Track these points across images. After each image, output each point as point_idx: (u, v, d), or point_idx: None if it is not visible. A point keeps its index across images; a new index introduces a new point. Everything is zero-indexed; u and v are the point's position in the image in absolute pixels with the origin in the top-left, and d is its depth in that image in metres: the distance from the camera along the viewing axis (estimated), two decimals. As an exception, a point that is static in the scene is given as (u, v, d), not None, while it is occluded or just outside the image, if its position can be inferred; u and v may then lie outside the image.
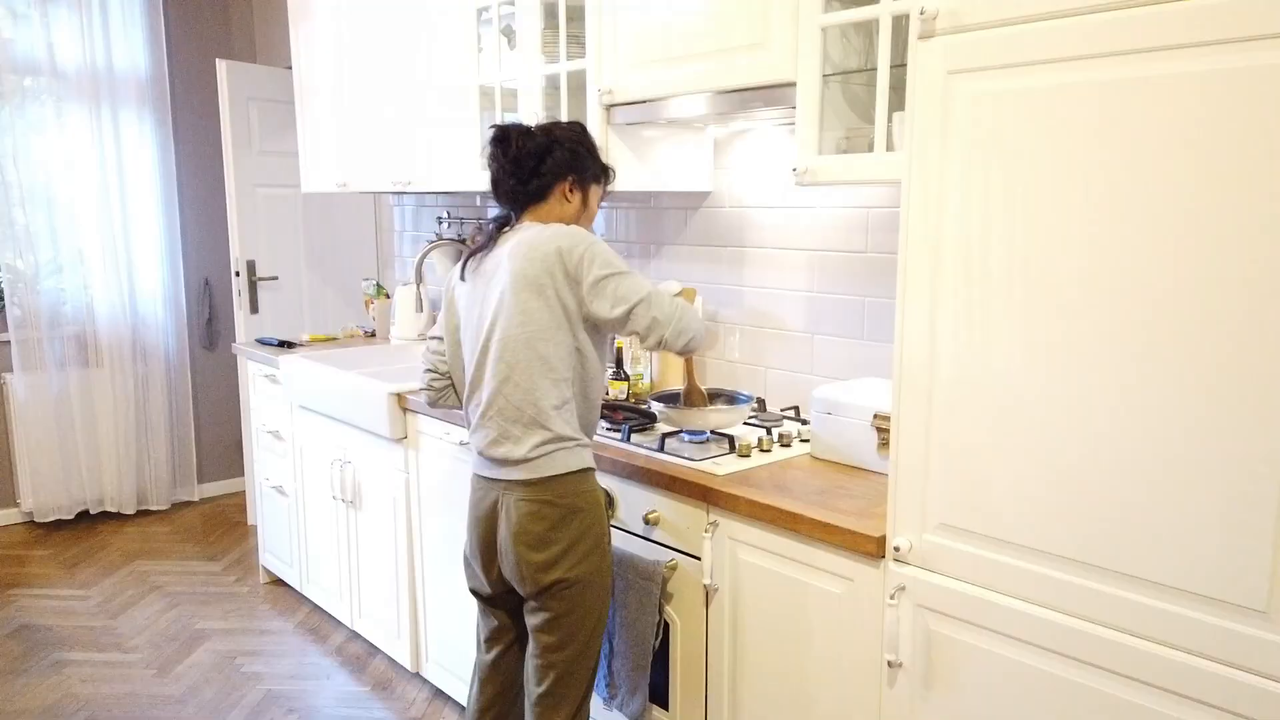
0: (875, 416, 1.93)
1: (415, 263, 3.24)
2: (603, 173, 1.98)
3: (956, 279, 1.42)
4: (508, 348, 1.82)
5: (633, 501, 2.06)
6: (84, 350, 4.40)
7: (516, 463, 1.84)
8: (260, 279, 4.33)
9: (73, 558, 4.04)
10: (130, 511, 4.53)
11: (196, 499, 4.78)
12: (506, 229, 1.92)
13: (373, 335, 3.90)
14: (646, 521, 2.01)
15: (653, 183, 2.54)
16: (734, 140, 2.57)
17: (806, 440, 2.14)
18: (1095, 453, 1.29)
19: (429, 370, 2.05)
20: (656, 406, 2.18)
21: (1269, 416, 1.14)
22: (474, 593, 2.02)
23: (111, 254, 4.36)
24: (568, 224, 1.93)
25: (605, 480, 2.11)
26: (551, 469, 1.83)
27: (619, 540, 2.10)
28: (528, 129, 1.90)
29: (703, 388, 2.20)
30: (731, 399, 2.29)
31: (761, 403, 2.48)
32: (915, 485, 1.51)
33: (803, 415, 2.40)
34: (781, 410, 2.44)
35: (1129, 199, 1.23)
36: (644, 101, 2.27)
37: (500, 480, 1.88)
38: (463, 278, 1.96)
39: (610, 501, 2.10)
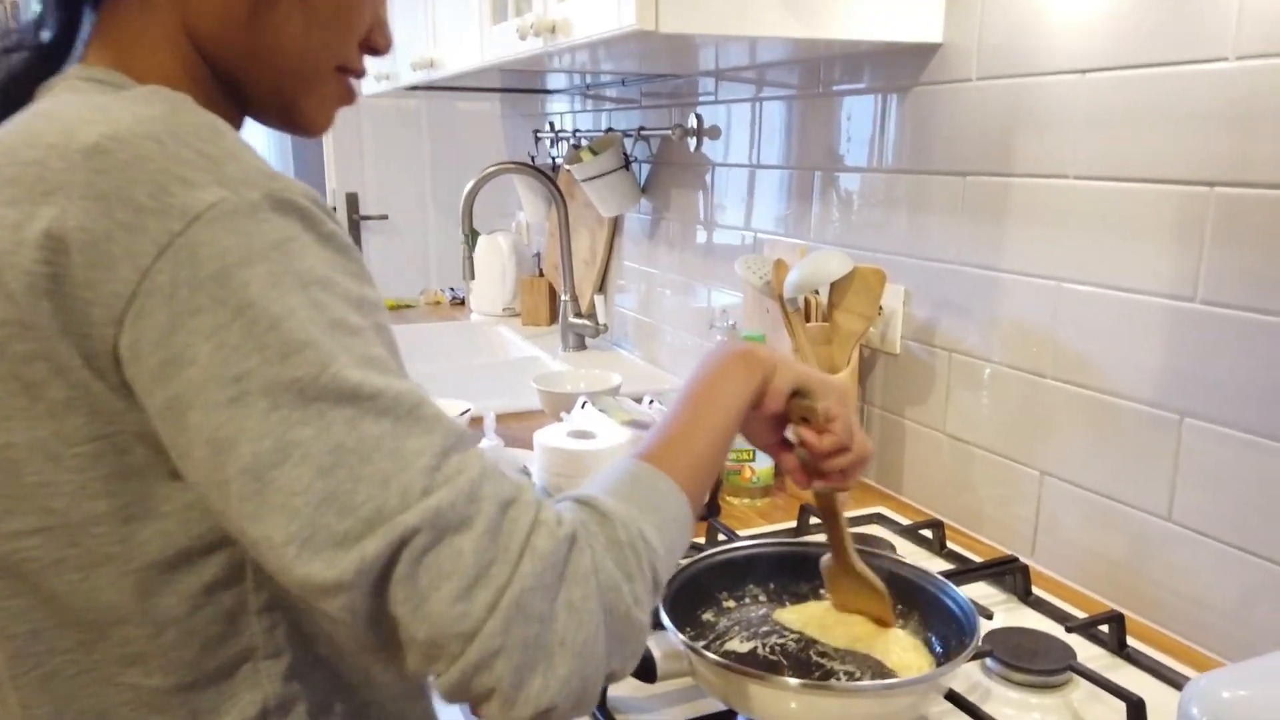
0: None
1: (464, 200, 2.00)
2: None
3: None
4: None
5: None
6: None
7: None
8: (364, 218, 3.32)
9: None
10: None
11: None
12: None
13: (462, 303, 2.78)
14: None
15: (788, 23, 1.10)
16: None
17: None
18: None
19: None
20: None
21: None
22: None
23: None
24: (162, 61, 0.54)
25: None
26: None
27: None
28: None
29: (869, 573, 0.78)
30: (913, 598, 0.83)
31: (1021, 574, 0.99)
32: None
33: (1130, 646, 0.89)
34: (1082, 623, 0.93)
35: None
36: None
37: None
38: None
39: None
